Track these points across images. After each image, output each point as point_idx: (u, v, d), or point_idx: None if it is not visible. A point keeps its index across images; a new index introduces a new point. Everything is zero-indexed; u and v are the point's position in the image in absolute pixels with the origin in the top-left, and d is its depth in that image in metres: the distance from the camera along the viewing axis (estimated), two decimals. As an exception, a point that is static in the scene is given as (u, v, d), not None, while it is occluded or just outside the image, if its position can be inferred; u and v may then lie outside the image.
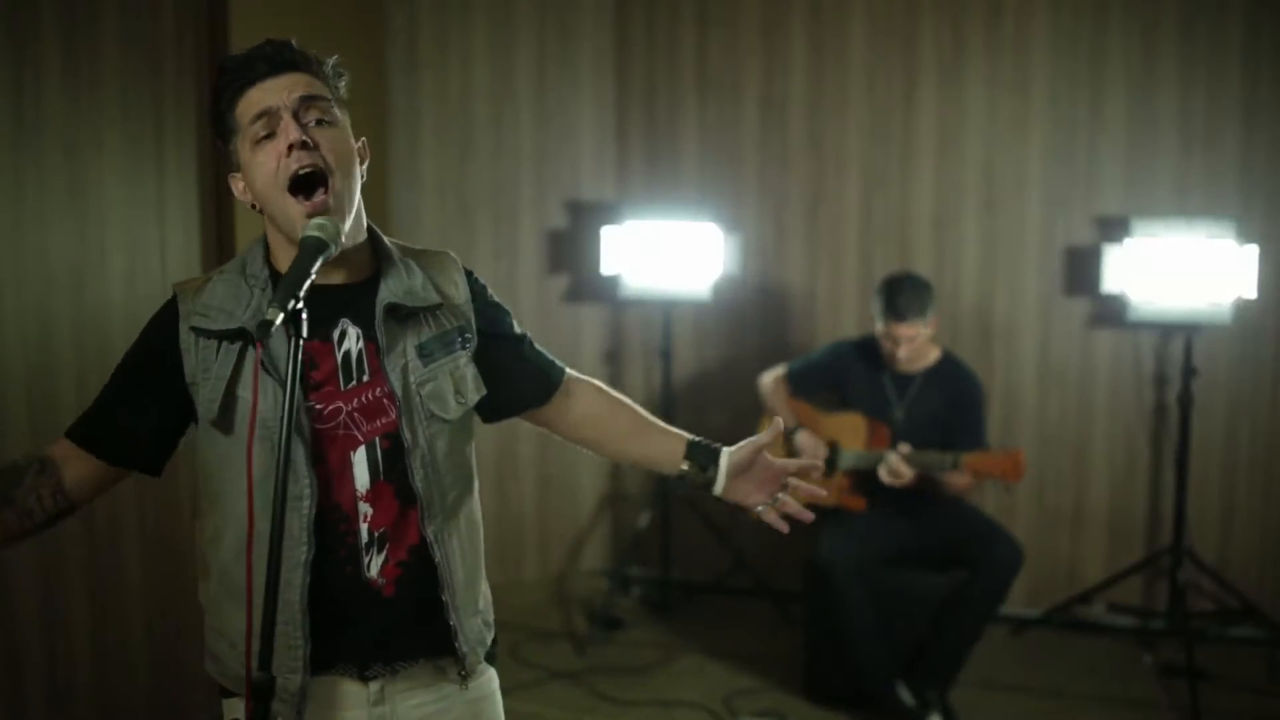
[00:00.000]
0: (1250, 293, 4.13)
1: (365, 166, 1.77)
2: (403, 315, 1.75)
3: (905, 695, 3.75)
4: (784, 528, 1.94)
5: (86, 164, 3.10)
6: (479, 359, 1.83)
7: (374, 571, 1.70)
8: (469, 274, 1.89)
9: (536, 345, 1.97)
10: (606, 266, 4.78)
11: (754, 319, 4.97)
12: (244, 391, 1.67)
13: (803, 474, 1.93)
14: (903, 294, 3.83)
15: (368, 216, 1.79)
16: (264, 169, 1.66)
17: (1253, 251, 4.12)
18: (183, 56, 3.41)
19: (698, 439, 1.95)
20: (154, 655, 3.35)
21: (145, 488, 3.32)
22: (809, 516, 1.93)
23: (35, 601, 2.96)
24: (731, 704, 3.92)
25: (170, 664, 3.39)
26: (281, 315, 1.48)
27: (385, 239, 1.82)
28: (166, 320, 1.74)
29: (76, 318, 3.09)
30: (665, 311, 4.80)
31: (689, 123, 4.99)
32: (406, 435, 1.71)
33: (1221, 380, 4.48)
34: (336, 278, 1.74)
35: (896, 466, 3.67)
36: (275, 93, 1.67)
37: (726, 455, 1.91)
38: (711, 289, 4.65)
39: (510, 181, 5.03)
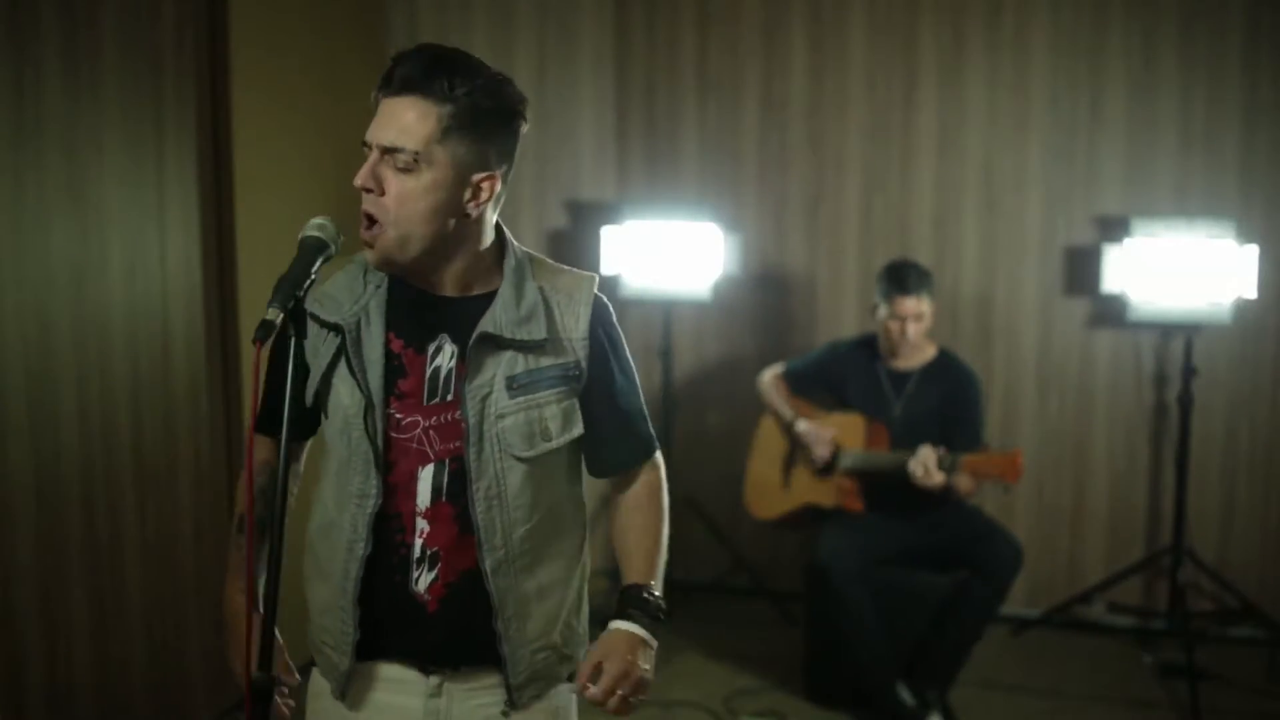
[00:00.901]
0: (1250, 293, 4.14)
1: (484, 201, 1.69)
2: (501, 344, 1.70)
3: (905, 695, 3.75)
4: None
5: (86, 164, 3.10)
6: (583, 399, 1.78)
7: (421, 587, 1.71)
8: (598, 303, 1.81)
9: (634, 417, 1.86)
10: (606, 266, 4.78)
11: (754, 319, 4.97)
12: (339, 382, 1.70)
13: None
14: (907, 271, 3.87)
15: None
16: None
17: (1253, 251, 4.12)
18: (183, 57, 3.41)
19: (624, 591, 1.82)
20: (154, 655, 3.35)
21: (145, 489, 3.32)
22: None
23: (35, 602, 2.96)
24: (731, 704, 3.92)
25: (170, 664, 3.39)
26: (281, 315, 1.48)
27: (520, 255, 1.76)
28: (296, 306, 1.71)
29: (76, 318, 3.09)
30: (665, 311, 4.80)
31: (689, 123, 4.99)
32: (472, 466, 1.69)
33: (1221, 380, 4.48)
34: (452, 290, 1.71)
35: (927, 463, 3.61)
36: (378, 124, 1.63)
37: (605, 632, 1.78)
38: (711, 289, 4.65)
39: (510, 181, 5.01)
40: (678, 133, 5.01)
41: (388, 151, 1.61)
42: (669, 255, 4.65)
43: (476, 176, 1.67)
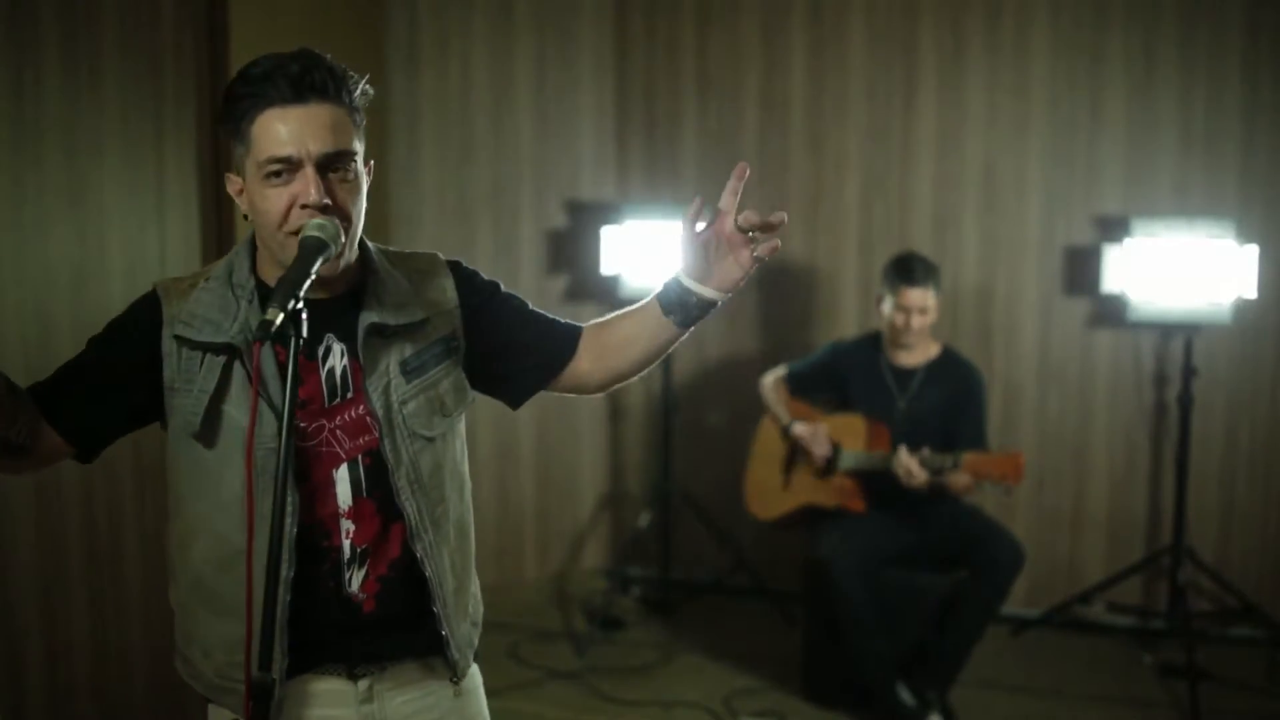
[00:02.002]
0: (1250, 293, 4.14)
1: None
2: (387, 333, 1.72)
3: (905, 695, 3.75)
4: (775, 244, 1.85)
5: (86, 165, 3.10)
6: (485, 348, 1.82)
7: (354, 587, 1.71)
8: (456, 267, 1.84)
9: (538, 311, 1.89)
10: (606, 266, 4.79)
11: (754, 319, 4.97)
12: (231, 408, 1.65)
13: (749, 221, 1.83)
14: (915, 263, 3.87)
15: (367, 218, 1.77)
16: (273, 207, 1.60)
17: (1253, 251, 4.12)
18: (183, 59, 3.41)
19: (661, 292, 1.88)
20: (154, 655, 3.34)
21: (146, 488, 3.32)
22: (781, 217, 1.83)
23: (35, 601, 2.96)
24: (731, 704, 3.92)
25: (170, 664, 3.39)
26: (281, 316, 1.47)
27: (373, 249, 1.78)
28: (149, 319, 1.70)
29: (76, 318, 3.08)
30: (665, 311, 4.79)
31: (689, 123, 4.99)
32: (389, 456, 1.70)
33: (1221, 380, 4.48)
34: (321, 293, 1.69)
35: (908, 465, 3.65)
36: (298, 134, 1.58)
37: (683, 275, 1.85)
38: (711, 289, 4.64)
39: (510, 181, 5.03)
40: (678, 133, 5.01)
41: (329, 160, 1.60)
42: (670, 255, 4.64)
43: (365, 165, 1.70)
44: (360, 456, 1.70)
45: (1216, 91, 4.43)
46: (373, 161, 1.75)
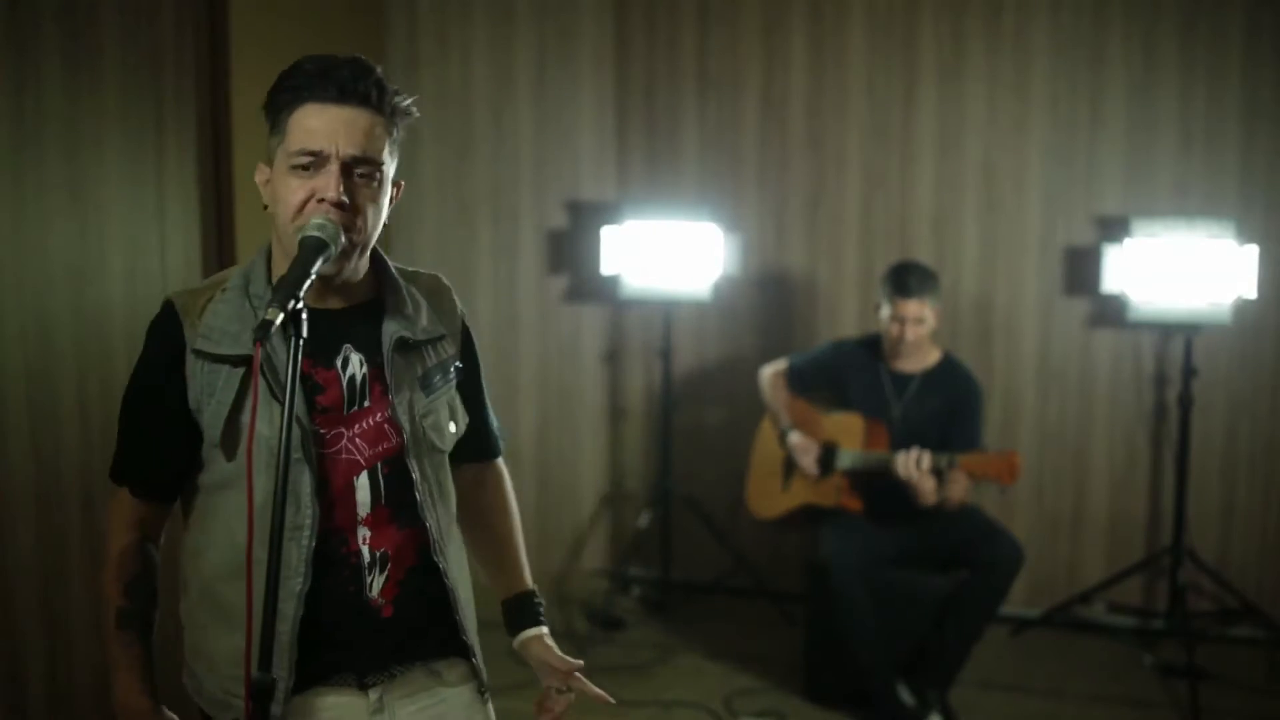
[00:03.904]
0: (1250, 293, 4.13)
1: (392, 207, 1.74)
2: (409, 347, 1.74)
3: (905, 695, 3.75)
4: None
5: (86, 164, 3.10)
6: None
7: (374, 592, 1.71)
8: (457, 302, 1.89)
9: (487, 401, 1.94)
10: (606, 266, 4.78)
11: (754, 319, 4.97)
12: (247, 417, 1.63)
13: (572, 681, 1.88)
14: (911, 273, 3.86)
15: None
16: (293, 197, 1.62)
17: (1253, 251, 4.12)
18: (183, 56, 3.41)
19: (524, 598, 1.93)
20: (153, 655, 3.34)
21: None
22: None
23: (35, 601, 2.96)
24: (731, 704, 3.92)
25: (170, 664, 3.38)
26: (281, 315, 1.47)
27: (389, 262, 1.80)
28: (171, 341, 1.69)
29: (76, 318, 3.09)
30: (665, 311, 4.80)
31: (689, 123, 4.99)
32: (415, 470, 1.72)
33: (1221, 380, 4.48)
34: (336, 303, 1.71)
35: (908, 464, 3.64)
36: (332, 134, 1.60)
37: (524, 635, 1.90)
38: (711, 289, 4.65)
39: (510, 181, 5.02)
40: (678, 133, 5.01)
41: (358, 163, 1.62)
42: (669, 255, 4.65)
43: (395, 185, 1.74)
44: (380, 465, 1.71)
45: (1216, 91, 4.43)
46: (403, 183, 1.76)
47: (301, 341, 1.50)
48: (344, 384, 1.70)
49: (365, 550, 1.70)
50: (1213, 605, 4.51)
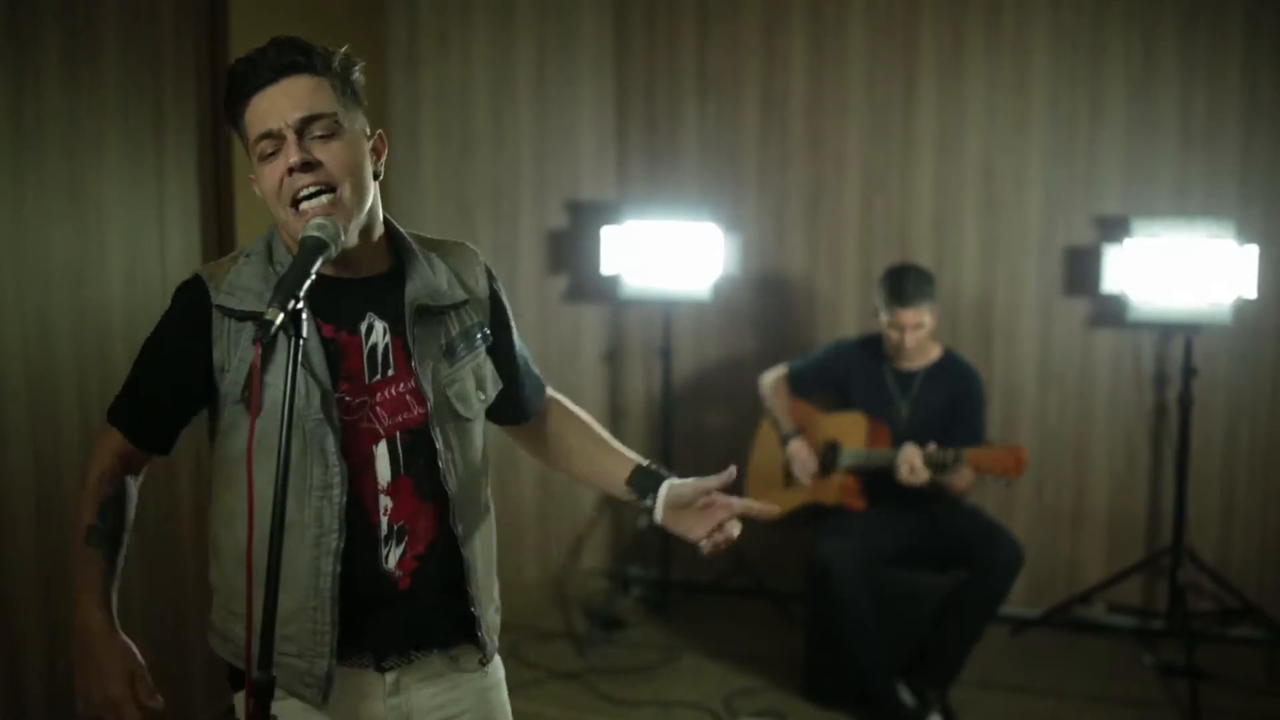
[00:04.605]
0: (1250, 293, 4.13)
1: (383, 160, 1.77)
2: (431, 314, 1.76)
3: (905, 695, 3.75)
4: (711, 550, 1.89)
5: (86, 164, 3.10)
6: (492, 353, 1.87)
7: (391, 564, 1.73)
8: (488, 269, 1.90)
9: (530, 359, 1.99)
10: (606, 266, 4.78)
11: (754, 319, 4.97)
12: (271, 377, 1.66)
13: (746, 513, 1.88)
14: (907, 280, 3.84)
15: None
16: (269, 184, 1.67)
17: (1253, 251, 4.12)
18: (183, 56, 3.42)
19: (647, 464, 1.94)
20: (154, 655, 3.33)
21: (145, 486, 3.31)
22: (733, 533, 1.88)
23: (35, 602, 2.96)
24: (731, 704, 3.92)
25: (170, 663, 3.39)
26: (281, 315, 1.48)
27: (403, 231, 1.82)
28: (197, 302, 1.72)
29: (76, 317, 3.09)
30: (665, 311, 4.80)
31: (689, 123, 4.99)
32: (438, 438, 1.74)
33: (1221, 380, 4.48)
34: (359, 271, 1.74)
35: (911, 461, 3.65)
36: (277, 109, 1.64)
37: (667, 486, 1.88)
38: (711, 289, 4.65)
39: (510, 181, 5.02)
40: (678, 133, 5.01)
41: (307, 123, 1.64)
42: (669, 255, 4.65)
43: (371, 136, 1.75)
44: (399, 434, 1.73)
45: (1216, 91, 4.43)
46: (380, 132, 1.78)
47: (302, 341, 1.51)
48: (365, 351, 1.72)
49: (384, 522, 1.72)
50: (1213, 605, 4.51)
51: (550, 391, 2.04)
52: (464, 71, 4.94)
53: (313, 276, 1.55)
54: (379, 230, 1.77)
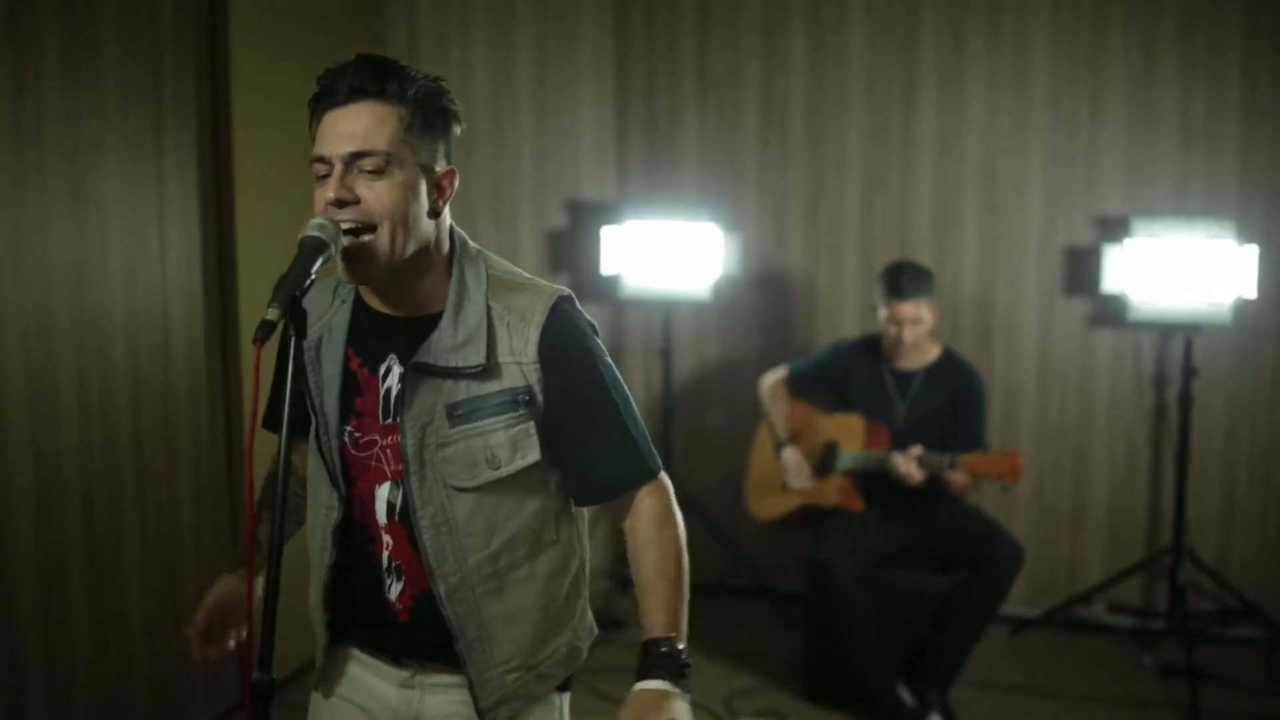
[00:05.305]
0: (1250, 293, 4.13)
1: (447, 198, 1.73)
2: (434, 372, 1.65)
3: (905, 695, 3.75)
4: None
5: (86, 164, 3.10)
6: (550, 423, 1.69)
7: (393, 595, 1.74)
8: (555, 321, 1.70)
9: (629, 428, 1.74)
10: (606, 266, 4.78)
11: (754, 319, 4.97)
12: (309, 382, 1.74)
13: None
14: (904, 274, 3.86)
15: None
16: (316, 206, 1.62)
17: (1253, 251, 4.12)
18: (183, 56, 3.41)
19: (642, 648, 1.74)
20: (154, 655, 3.35)
21: (145, 488, 3.32)
22: None
23: (35, 602, 2.96)
24: (731, 704, 3.92)
25: (170, 663, 3.39)
26: (281, 316, 1.48)
27: (468, 272, 1.71)
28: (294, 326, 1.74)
29: (76, 317, 3.09)
30: (665, 311, 4.80)
31: (689, 123, 4.99)
32: (415, 493, 1.66)
33: (1221, 380, 4.48)
34: (404, 309, 1.69)
35: (906, 466, 3.67)
36: (334, 137, 1.59)
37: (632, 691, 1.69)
38: (711, 289, 4.65)
39: (510, 181, 5.02)
40: (678, 133, 5.01)
41: (356, 158, 1.59)
42: (669, 255, 4.65)
43: (439, 172, 1.71)
44: (400, 482, 1.70)
45: (1216, 92, 4.43)
46: (452, 168, 1.75)
47: (303, 341, 1.52)
48: (381, 392, 1.70)
49: (385, 556, 1.73)
50: (1213, 605, 4.52)
51: (652, 491, 1.76)
52: (464, 71, 4.94)
53: (312, 276, 1.54)
54: (437, 269, 1.69)
